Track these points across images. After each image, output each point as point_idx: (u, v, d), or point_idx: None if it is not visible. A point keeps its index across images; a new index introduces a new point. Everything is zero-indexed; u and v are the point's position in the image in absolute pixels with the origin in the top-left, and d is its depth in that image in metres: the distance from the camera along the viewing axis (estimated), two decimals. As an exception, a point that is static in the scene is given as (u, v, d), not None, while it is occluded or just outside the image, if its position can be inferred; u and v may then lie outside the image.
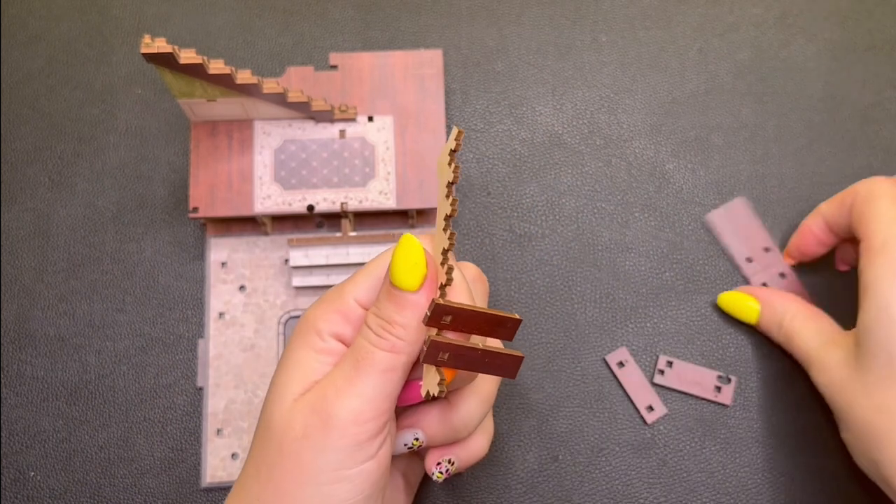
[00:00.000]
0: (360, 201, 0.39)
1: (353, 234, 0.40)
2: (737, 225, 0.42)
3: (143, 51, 0.34)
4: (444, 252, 0.27)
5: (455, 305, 0.27)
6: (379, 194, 0.40)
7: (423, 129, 0.41)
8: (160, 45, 0.34)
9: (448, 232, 0.27)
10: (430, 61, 0.42)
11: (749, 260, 0.41)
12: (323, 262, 0.39)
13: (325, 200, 0.39)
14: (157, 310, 0.40)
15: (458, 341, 0.27)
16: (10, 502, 0.38)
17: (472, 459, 0.32)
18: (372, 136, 0.40)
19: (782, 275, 0.41)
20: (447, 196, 0.27)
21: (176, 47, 0.34)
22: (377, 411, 0.27)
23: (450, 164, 0.27)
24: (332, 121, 0.40)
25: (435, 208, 0.40)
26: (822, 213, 0.39)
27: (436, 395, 0.27)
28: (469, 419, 0.31)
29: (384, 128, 0.41)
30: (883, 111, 0.44)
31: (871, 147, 0.43)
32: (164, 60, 0.34)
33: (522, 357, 0.28)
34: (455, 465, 0.32)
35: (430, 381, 0.28)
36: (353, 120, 0.40)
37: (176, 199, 0.42)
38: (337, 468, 0.27)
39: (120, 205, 0.42)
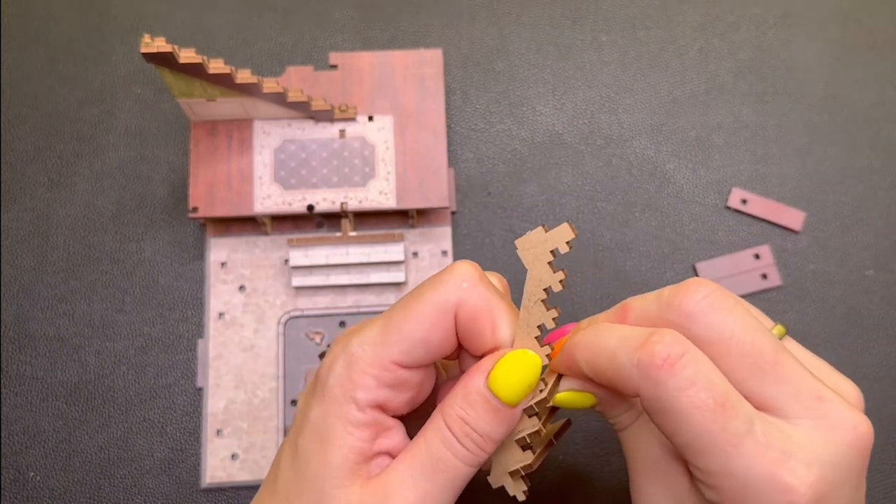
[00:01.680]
0: (360, 201, 0.39)
1: (353, 233, 0.40)
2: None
3: (143, 50, 0.34)
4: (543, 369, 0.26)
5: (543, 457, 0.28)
6: (379, 194, 0.40)
7: (423, 128, 0.41)
8: (160, 45, 0.34)
9: (545, 348, 0.26)
10: (430, 61, 0.42)
11: None
12: (323, 262, 0.39)
13: (325, 200, 0.39)
14: (156, 310, 0.40)
15: (539, 456, 0.28)
16: (10, 502, 0.38)
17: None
18: (372, 135, 0.40)
19: None
20: (544, 302, 0.25)
21: (176, 47, 0.34)
22: None
23: (551, 264, 0.25)
24: (331, 120, 0.40)
25: (435, 209, 0.40)
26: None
27: (521, 500, 0.28)
28: None
29: (384, 127, 0.41)
30: (884, 111, 0.44)
31: (872, 147, 0.43)
32: (164, 60, 0.34)
33: (570, 422, 0.30)
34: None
35: (517, 487, 0.28)
36: (352, 120, 0.40)
37: (176, 199, 0.42)
38: None
39: (119, 205, 0.42)
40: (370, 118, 0.41)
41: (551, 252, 0.25)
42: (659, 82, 0.44)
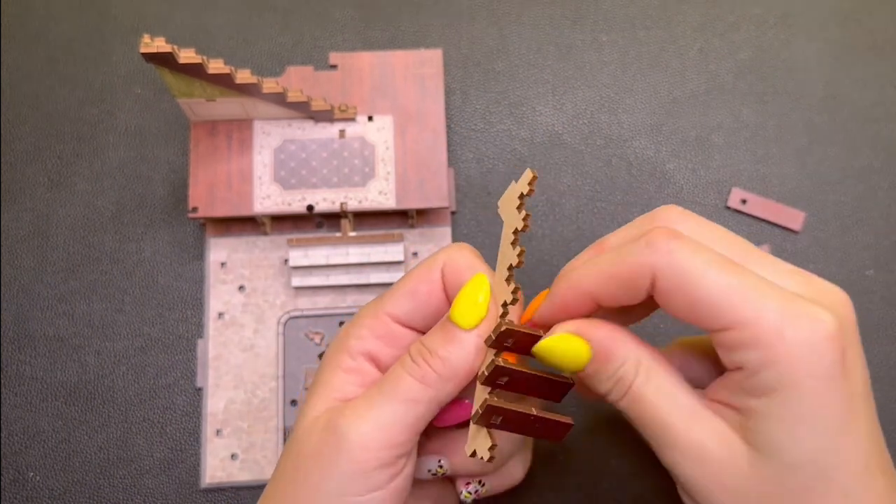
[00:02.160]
0: (360, 201, 0.39)
1: (352, 234, 0.40)
2: None
3: (143, 50, 0.34)
4: (505, 305, 0.26)
5: (514, 368, 0.26)
6: (379, 194, 0.40)
7: (423, 128, 0.41)
8: (160, 45, 0.34)
9: (512, 285, 0.26)
10: (430, 61, 0.42)
11: None
12: (323, 262, 0.39)
13: (325, 200, 0.39)
14: (156, 310, 0.40)
15: (514, 406, 0.26)
16: (10, 502, 0.38)
17: (504, 486, 0.31)
18: (372, 135, 0.40)
19: None
20: (513, 244, 0.26)
21: (175, 47, 0.34)
22: (391, 441, 0.26)
23: (519, 208, 0.26)
24: (331, 120, 0.40)
25: (435, 209, 0.40)
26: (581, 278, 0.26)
27: (485, 459, 0.26)
28: (500, 451, 0.28)
29: (384, 127, 0.41)
30: (884, 111, 0.44)
31: (873, 147, 0.43)
32: (164, 60, 0.34)
33: (572, 424, 0.27)
34: (486, 487, 0.30)
35: (481, 443, 0.26)
36: (352, 120, 0.40)
37: (175, 199, 0.42)
38: (342, 493, 0.25)
39: (119, 205, 0.42)
40: (370, 118, 0.41)
41: (518, 198, 0.26)
42: (659, 82, 0.44)
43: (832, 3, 0.46)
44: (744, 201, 0.42)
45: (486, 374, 0.26)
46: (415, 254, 0.41)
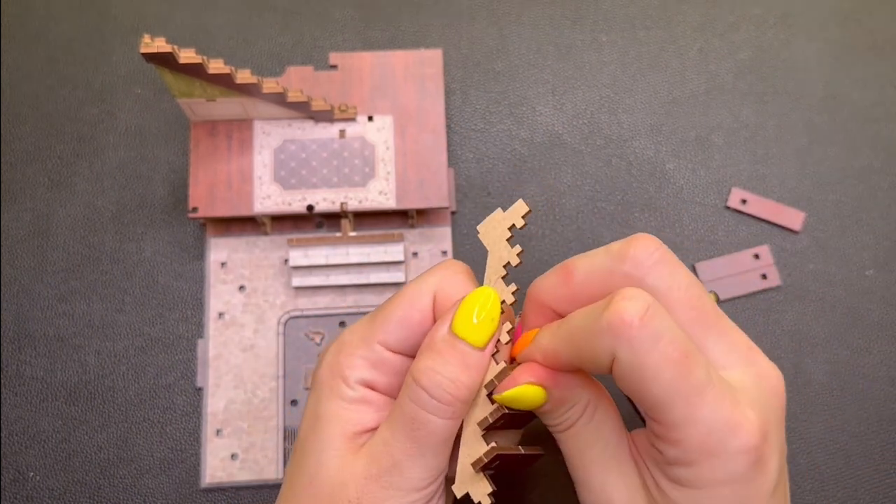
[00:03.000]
0: (360, 201, 0.39)
1: (352, 234, 0.40)
2: None
3: (143, 50, 0.34)
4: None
5: (508, 452, 0.27)
6: (379, 194, 0.40)
7: (423, 129, 0.41)
8: (160, 45, 0.34)
9: (507, 325, 0.27)
10: (430, 61, 0.42)
11: None
12: (323, 262, 0.39)
13: (325, 200, 0.39)
14: (156, 310, 0.40)
15: (509, 450, 0.28)
16: (10, 502, 0.38)
17: None
18: (372, 135, 0.40)
19: None
20: (504, 279, 0.27)
21: (175, 47, 0.34)
22: (435, 474, 0.26)
23: (509, 241, 0.26)
24: (331, 120, 0.40)
25: (435, 209, 0.40)
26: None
27: None
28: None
29: (384, 128, 0.41)
30: (884, 111, 0.44)
31: (872, 147, 0.43)
32: (164, 60, 0.34)
33: (542, 454, 0.29)
34: None
35: (480, 489, 0.27)
36: (352, 120, 0.40)
37: (176, 199, 0.42)
38: None
39: (119, 205, 0.42)
40: (370, 118, 0.41)
41: (509, 229, 0.26)
42: (659, 82, 0.44)
43: (832, 3, 0.46)
44: (744, 201, 0.42)
45: (485, 460, 0.27)
46: (415, 254, 0.41)
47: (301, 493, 0.27)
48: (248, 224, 0.41)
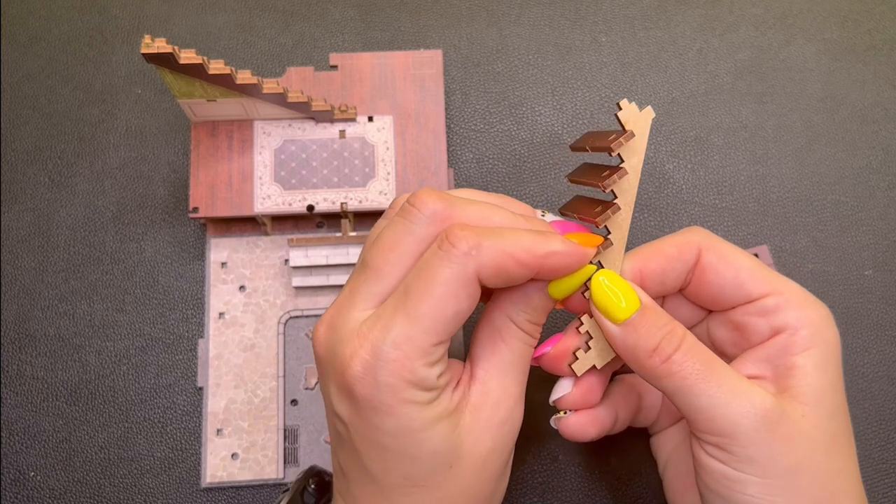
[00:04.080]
0: (360, 201, 0.40)
1: (353, 234, 0.40)
2: None
3: (144, 51, 0.34)
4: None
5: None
6: (379, 194, 0.40)
7: (423, 129, 0.41)
8: (160, 46, 0.34)
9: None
10: (430, 61, 0.42)
11: None
12: (323, 262, 0.40)
13: (325, 200, 0.39)
14: (157, 310, 0.40)
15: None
16: (10, 502, 0.38)
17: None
18: (372, 136, 0.40)
19: None
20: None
21: (176, 47, 0.34)
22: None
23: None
24: (332, 121, 0.40)
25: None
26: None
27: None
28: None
29: (384, 128, 0.41)
30: (882, 111, 0.44)
31: (871, 147, 0.43)
32: (165, 61, 0.34)
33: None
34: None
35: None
36: (353, 120, 0.41)
37: (176, 199, 0.42)
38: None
39: (120, 205, 0.42)
40: (370, 119, 0.41)
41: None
42: (658, 83, 0.44)
43: (831, 4, 0.46)
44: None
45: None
46: (415, 254, 0.41)
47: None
48: (248, 224, 0.41)
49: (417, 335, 0.26)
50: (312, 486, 0.34)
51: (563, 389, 0.31)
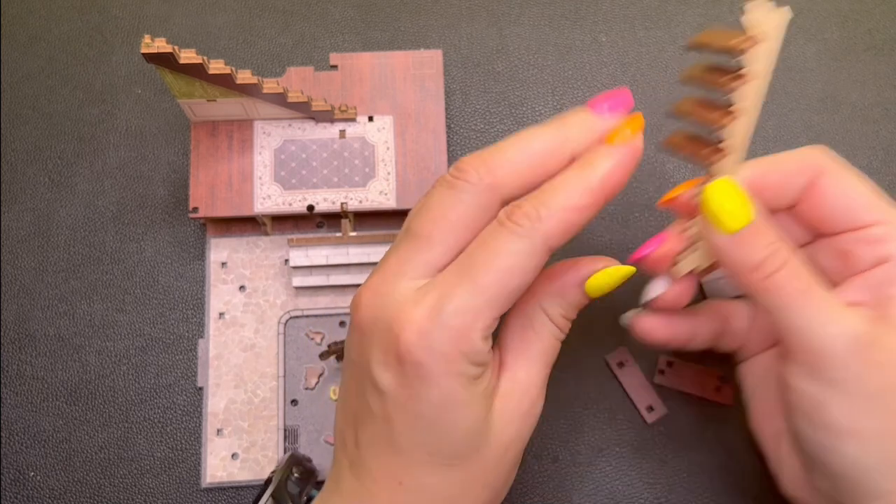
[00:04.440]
0: (361, 201, 0.40)
1: (353, 234, 0.40)
2: None
3: (144, 51, 0.34)
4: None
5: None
6: (379, 194, 0.40)
7: (423, 129, 0.41)
8: (160, 46, 0.34)
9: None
10: (430, 61, 0.42)
11: None
12: (323, 262, 0.39)
13: (325, 200, 0.39)
14: (157, 310, 0.40)
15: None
16: (10, 502, 0.38)
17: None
18: (372, 136, 0.40)
19: None
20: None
21: (176, 47, 0.34)
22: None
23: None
24: (332, 121, 0.40)
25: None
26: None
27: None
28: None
29: (384, 128, 0.41)
30: (883, 111, 0.44)
31: (872, 147, 0.43)
32: (165, 60, 0.34)
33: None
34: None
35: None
36: (353, 120, 0.41)
37: (176, 199, 0.42)
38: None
39: (120, 205, 0.42)
40: (370, 118, 0.41)
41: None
42: (658, 82, 0.44)
43: (831, 4, 0.46)
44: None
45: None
46: (415, 254, 0.41)
47: None
48: (248, 224, 0.41)
49: (481, 306, 0.25)
50: (296, 474, 0.34)
51: (658, 289, 0.31)
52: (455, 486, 0.27)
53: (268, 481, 0.34)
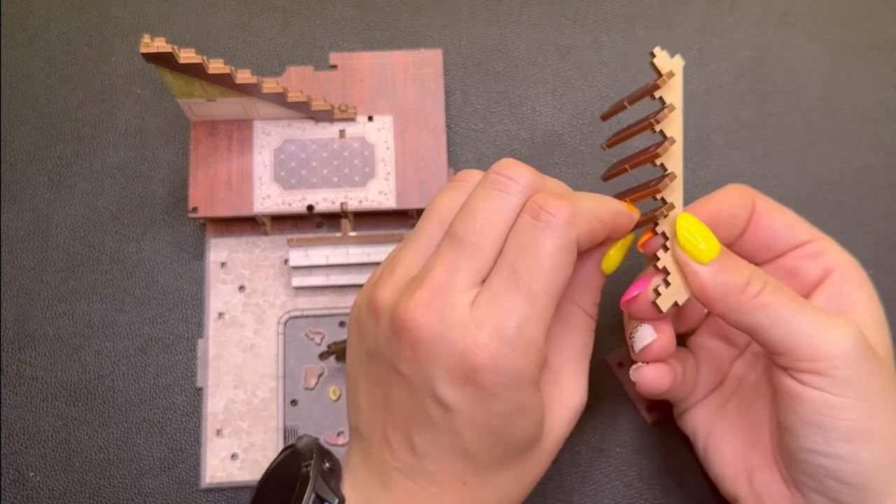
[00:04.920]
0: (360, 201, 0.39)
1: (352, 234, 0.40)
2: None
3: (143, 50, 0.34)
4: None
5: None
6: (379, 194, 0.40)
7: (423, 129, 0.41)
8: (160, 45, 0.34)
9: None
10: (430, 61, 0.42)
11: None
12: (323, 262, 0.39)
13: (325, 200, 0.39)
14: (156, 310, 0.40)
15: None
16: (10, 502, 0.38)
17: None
18: (372, 135, 0.40)
19: None
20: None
21: (175, 47, 0.34)
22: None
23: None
24: (331, 121, 0.40)
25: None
26: None
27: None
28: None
29: (384, 128, 0.41)
30: (884, 110, 0.44)
31: (872, 147, 0.43)
32: (164, 60, 0.34)
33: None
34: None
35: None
36: (352, 120, 0.40)
37: (176, 199, 0.42)
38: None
39: (119, 205, 0.42)
40: (370, 118, 0.41)
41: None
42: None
43: (832, 3, 0.46)
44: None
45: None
46: (415, 254, 0.41)
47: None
48: (248, 224, 0.41)
49: (539, 314, 0.26)
50: (327, 464, 0.31)
51: (647, 337, 0.31)
52: (515, 479, 0.29)
53: (303, 478, 0.29)
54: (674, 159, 0.29)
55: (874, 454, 0.27)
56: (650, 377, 0.31)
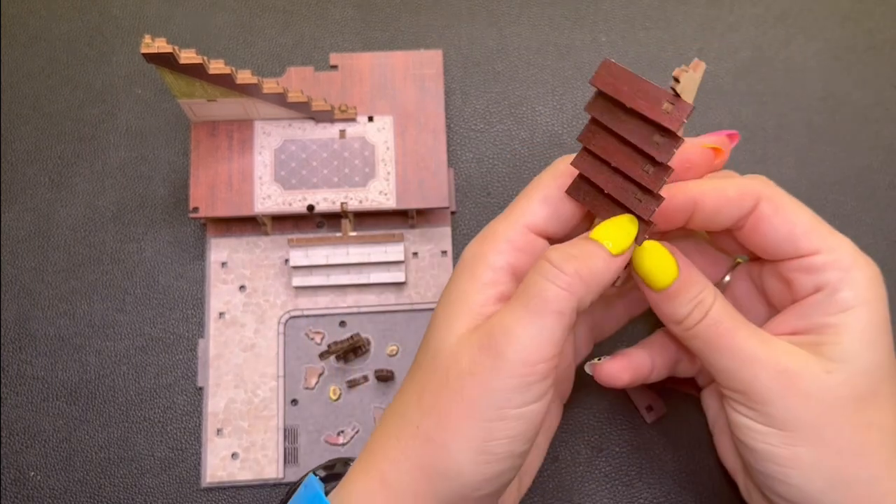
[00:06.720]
0: (360, 201, 0.40)
1: (353, 234, 0.40)
2: None
3: (144, 51, 0.34)
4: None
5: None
6: (379, 194, 0.40)
7: (423, 129, 0.41)
8: (160, 46, 0.34)
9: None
10: (430, 61, 0.42)
11: None
12: (323, 262, 0.40)
13: (325, 200, 0.39)
14: (157, 310, 0.40)
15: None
16: (10, 502, 0.38)
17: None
18: (372, 136, 0.40)
19: None
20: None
21: (176, 47, 0.34)
22: (547, 355, 0.26)
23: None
24: (332, 121, 0.40)
25: (435, 209, 0.40)
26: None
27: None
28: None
29: (384, 128, 0.41)
30: (883, 111, 0.44)
31: (872, 147, 0.43)
32: (165, 60, 0.34)
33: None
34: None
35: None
36: (353, 120, 0.41)
37: (176, 199, 0.42)
38: (501, 406, 0.26)
39: (120, 205, 0.42)
40: (370, 118, 0.41)
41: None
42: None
43: (831, 3, 0.46)
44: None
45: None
46: (415, 254, 0.41)
47: (424, 368, 0.28)
48: (248, 224, 0.41)
49: (514, 214, 0.31)
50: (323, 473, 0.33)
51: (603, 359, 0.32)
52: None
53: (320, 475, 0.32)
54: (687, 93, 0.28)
55: (804, 479, 0.28)
56: (605, 372, 0.32)
